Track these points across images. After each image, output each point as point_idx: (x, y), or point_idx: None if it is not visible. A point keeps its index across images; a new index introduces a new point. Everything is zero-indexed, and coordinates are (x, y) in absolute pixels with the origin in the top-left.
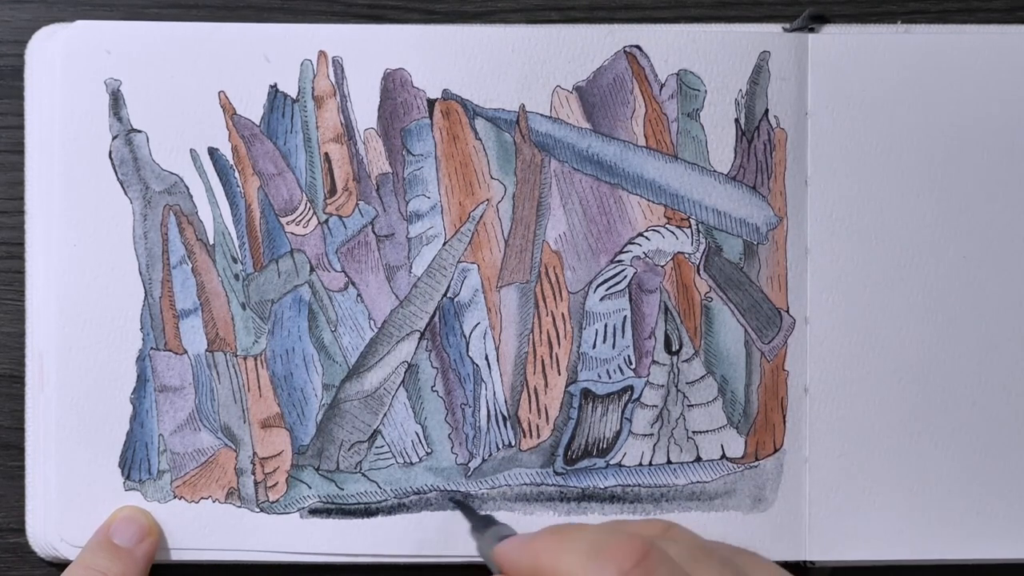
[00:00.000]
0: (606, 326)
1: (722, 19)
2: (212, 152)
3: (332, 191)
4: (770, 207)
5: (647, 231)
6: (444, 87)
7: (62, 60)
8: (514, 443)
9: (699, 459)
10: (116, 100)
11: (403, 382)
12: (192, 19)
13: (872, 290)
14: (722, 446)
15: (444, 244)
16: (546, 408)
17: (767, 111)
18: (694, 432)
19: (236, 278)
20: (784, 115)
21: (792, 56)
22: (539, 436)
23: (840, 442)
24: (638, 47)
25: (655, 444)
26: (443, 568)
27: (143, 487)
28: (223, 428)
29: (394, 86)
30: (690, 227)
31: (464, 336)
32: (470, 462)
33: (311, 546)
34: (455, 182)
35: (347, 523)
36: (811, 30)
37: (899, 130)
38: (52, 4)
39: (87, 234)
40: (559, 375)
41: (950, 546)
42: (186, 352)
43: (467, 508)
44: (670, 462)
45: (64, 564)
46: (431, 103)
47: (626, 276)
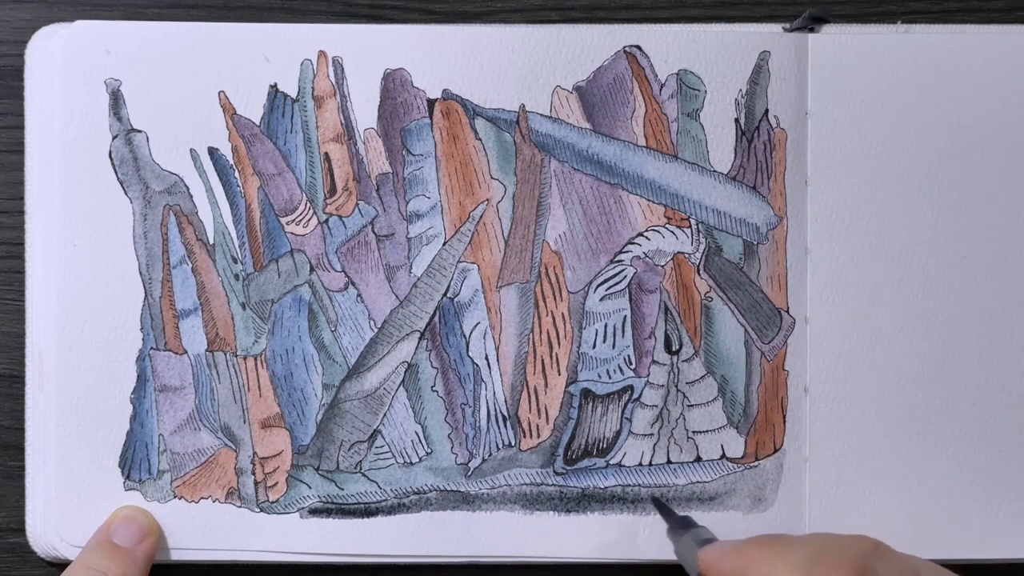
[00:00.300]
0: (606, 326)
1: (722, 19)
2: (212, 152)
3: (332, 191)
4: (770, 207)
5: (647, 231)
6: (444, 87)
7: (62, 60)
8: (514, 443)
9: (699, 459)
10: (116, 100)
11: (403, 382)
12: (192, 19)
13: (872, 290)
14: (722, 446)
15: (444, 244)
16: (546, 408)
17: (767, 111)
18: (694, 432)
19: (236, 278)
20: (784, 115)
21: (792, 56)
22: (539, 436)
23: (840, 442)
24: (638, 47)
25: (655, 444)
26: (443, 568)
27: (143, 487)
28: (223, 428)
29: (394, 86)
30: (690, 227)
31: (464, 336)
32: (470, 462)
33: (311, 546)
34: (455, 182)
35: (347, 523)
36: (811, 30)
37: (899, 130)
38: (52, 4)
39: (87, 234)
40: (559, 375)
41: (950, 546)
42: (186, 352)
43: (666, 509)
44: (670, 462)
45: (64, 564)
46: (431, 103)
47: (626, 276)
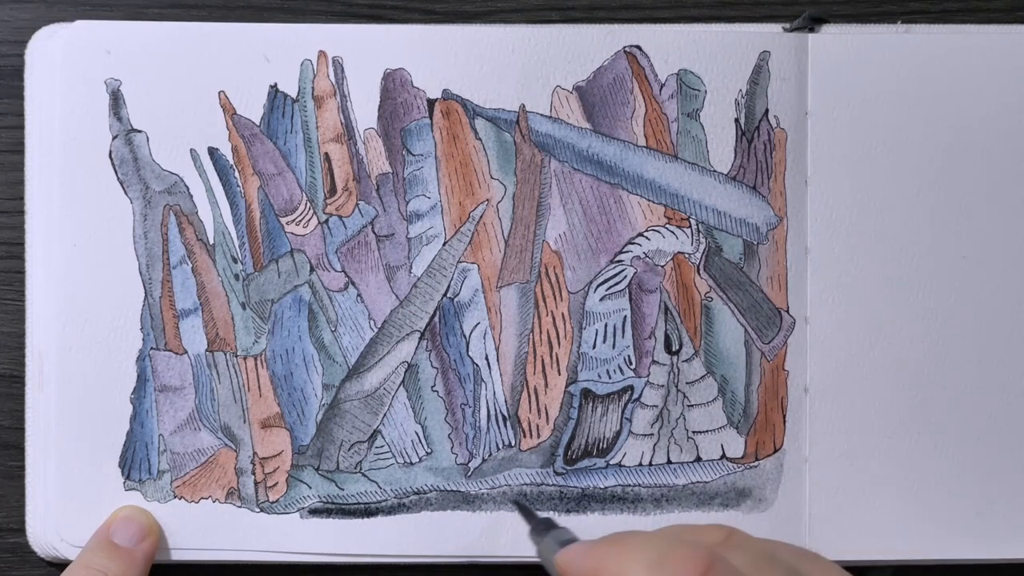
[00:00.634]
0: (606, 326)
1: (722, 19)
2: (212, 152)
3: (332, 191)
4: (770, 207)
5: (647, 231)
6: (444, 87)
7: (62, 60)
8: (514, 443)
9: (699, 459)
10: (116, 100)
11: (403, 382)
12: (192, 19)
13: (872, 290)
14: (722, 446)
15: (444, 244)
16: (546, 408)
17: (767, 111)
18: (694, 432)
19: (236, 278)
20: (784, 115)
21: (792, 56)
22: (539, 436)
23: (840, 442)
24: (638, 47)
25: (655, 444)
26: (443, 568)
27: (143, 487)
28: (223, 428)
29: (394, 86)
30: (690, 227)
31: (464, 336)
32: (470, 462)
33: (311, 546)
34: (455, 182)
35: (347, 523)
36: (811, 30)
37: (899, 130)
38: (52, 4)
39: (87, 234)
40: (559, 375)
41: (950, 546)
42: (186, 352)
43: (527, 511)
44: (670, 462)
45: (64, 564)
46: (431, 103)
47: (626, 276)
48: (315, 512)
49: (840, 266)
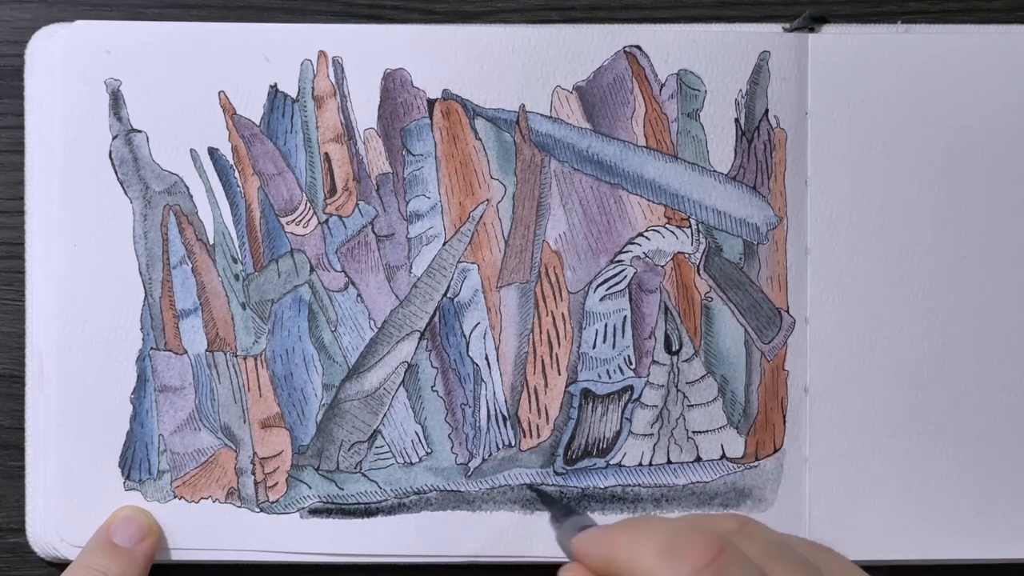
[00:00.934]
0: (606, 326)
1: (722, 19)
2: (212, 152)
3: (332, 191)
4: (770, 207)
5: (647, 231)
6: (444, 87)
7: (62, 60)
8: (514, 443)
9: (699, 459)
10: (116, 100)
11: (403, 382)
12: (192, 19)
13: (872, 290)
14: (722, 446)
15: (444, 244)
16: (546, 408)
17: (767, 111)
18: (694, 432)
19: (236, 278)
20: (784, 115)
21: (792, 56)
22: (539, 436)
23: (840, 442)
24: (638, 47)
25: (655, 444)
26: (443, 568)
27: (143, 487)
28: (223, 428)
29: (394, 86)
30: (690, 227)
31: (464, 336)
32: (470, 462)
33: (311, 546)
34: (455, 182)
35: (347, 523)
36: (811, 30)
37: (899, 130)
38: (52, 4)
39: (87, 234)
40: (559, 375)
41: (950, 546)
42: (186, 352)
43: (547, 496)
44: (670, 462)
45: (64, 564)
46: (431, 103)
47: (626, 276)
48: (315, 512)
49: (840, 266)
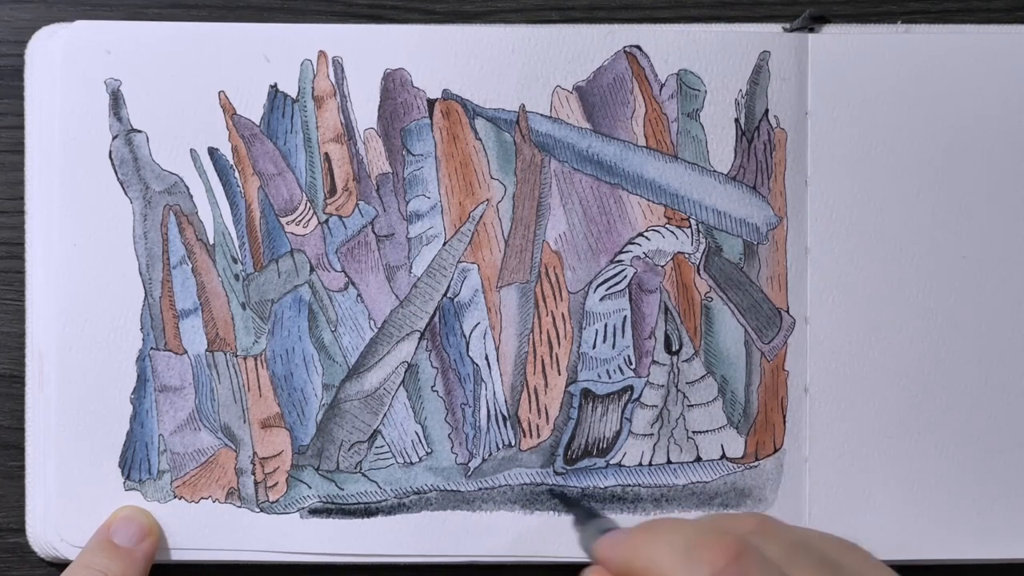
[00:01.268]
0: (606, 326)
1: (722, 19)
2: (212, 152)
3: (332, 191)
4: (770, 207)
5: (647, 231)
6: (444, 87)
7: (62, 60)
8: (514, 443)
9: (699, 459)
10: (116, 100)
11: (403, 382)
12: (192, 19)
13: (872, 290)
14: (722, 446)
15: (444, 244)
16: (546, 408)
17: (767, 111)
18: (694, 432)
19: (236, 278)
20: (784, 115)
21: (792, 56)
22: (539, 436)
23: (840, 442)
24: (638, 47)
25: (655, 444)
26: (443, 568)
27: (143, 487)
28: (223, 428)
29: (394, 86)
30: (690, 227)
31: (464, 336)
32: (470, 462)
33: (311, 546)
34: (455, 182)
35: (347, 523)
36: (811, 30)
37: (899, 130)
38: (52, 4)
39: (87, 234)
40: (559, 375)
41: (950, 546)
42: (186, 352)
43: (569, 500)
44: (670, 462)
45: (64, 564)
46: (431, 103)
47: (626, 276)
48: (315, 512)
49: (840, 266)
